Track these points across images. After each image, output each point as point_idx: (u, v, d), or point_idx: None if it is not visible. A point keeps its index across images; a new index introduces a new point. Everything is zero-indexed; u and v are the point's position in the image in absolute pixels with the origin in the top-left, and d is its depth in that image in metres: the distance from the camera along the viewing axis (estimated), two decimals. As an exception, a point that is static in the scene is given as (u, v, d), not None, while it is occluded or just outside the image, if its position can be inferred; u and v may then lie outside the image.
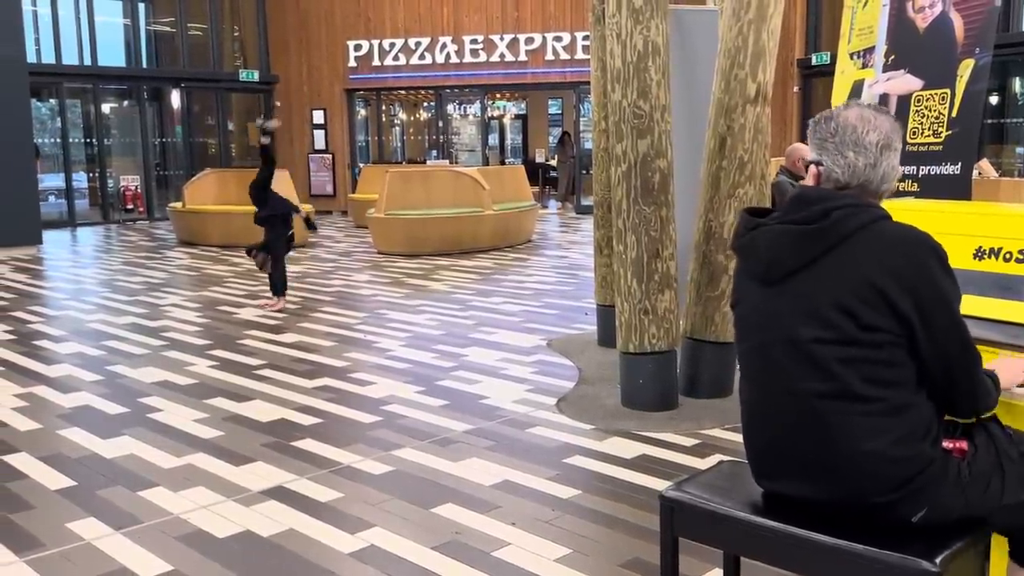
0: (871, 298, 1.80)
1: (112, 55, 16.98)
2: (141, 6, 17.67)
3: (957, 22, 3.30)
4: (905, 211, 2.68)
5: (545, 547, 3.00)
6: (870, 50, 3.67)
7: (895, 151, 1.97)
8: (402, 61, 17.64)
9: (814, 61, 17.06)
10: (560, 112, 24.22)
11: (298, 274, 9.53)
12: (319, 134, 18.45)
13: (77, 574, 2.85)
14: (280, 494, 3.50)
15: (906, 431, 1.81)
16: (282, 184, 12.25)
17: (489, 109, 22.53)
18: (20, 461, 3.89)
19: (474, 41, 17.26)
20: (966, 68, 3.24)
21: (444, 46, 17.40)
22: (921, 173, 3.39)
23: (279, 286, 7.45)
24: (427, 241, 11.12)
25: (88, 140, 16.90)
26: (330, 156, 18.32)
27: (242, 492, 3.52)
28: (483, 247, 11.31)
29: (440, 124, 19.16)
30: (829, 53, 17.00)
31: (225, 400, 4.81)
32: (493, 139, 24.83)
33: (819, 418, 1.85)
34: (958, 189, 3.23)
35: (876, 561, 1.77)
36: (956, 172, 3.25)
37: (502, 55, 17.11)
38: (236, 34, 19.02)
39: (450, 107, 20.77)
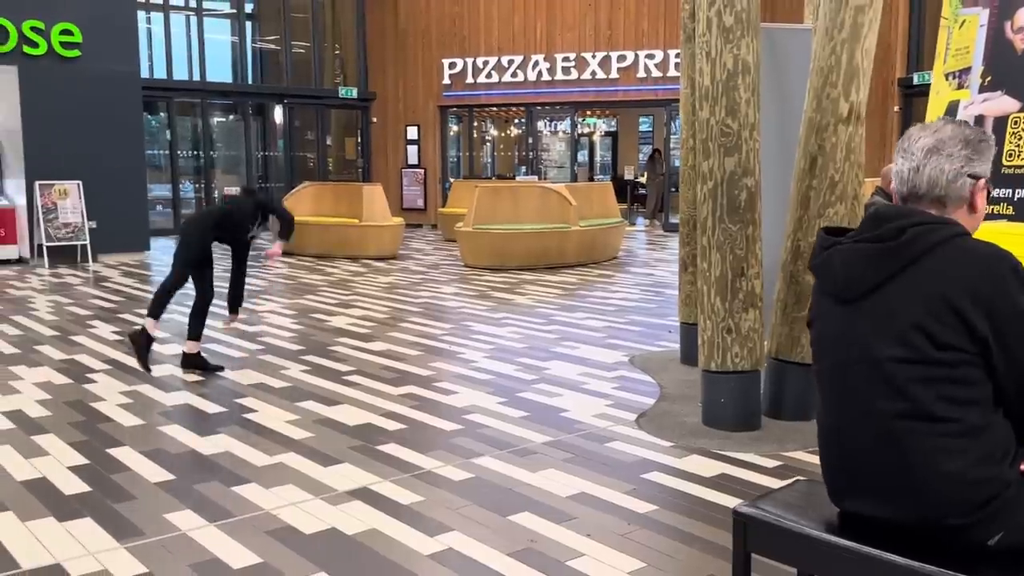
0: (946, 316, 1.79)
1: (220, 71, 17.75)
2: (248, 24, 18.42)
3: (1058, 42, 3.23)
4: (989, 233, 2.64)
5: (619, 560, 3.03)
6: (966, 71, 3.59)
7: (946, 156, 1.92)
8: (494, 79, 17.90)
9: (915, 80, 16.59)
10: (651, 129, 24.16)
11: (388, 285, 9.77)
12: (412, 149, 18.86)
13: (173, 562, 3.02)
14: (364, 495, 3.62)
15: (984, 452, 1.80)
16: (375, 199, 12.65)
17: (579, 126, 22.64)
18: (123, 454, 4.12)
19: (566, 59, 17.39)
20: (1066, 89, 3.16)
21: (536, 64, 17.58)
22: (1017, 196, 3.30)
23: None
24: (513, 255, 11.25)
25: (195, 152, 17.68)
26: (422, 171, 18.69)
27: (329, 491, 3.66)
28: (569, 262, 11.37)
29: (530, 140, 19.34)
30: (931, 72, 16.52)
31: (316, 403, 4.99)
32: (583, 156, 24.91)
33: (895, 438, 1.85)
34: (1056, 212, 3.15)
35: (948, 583, 1.76)
36: (1054, 195, 3.18)
37: (593, 73, 17.18)
38: (337, 52, 19.62)
39: (540, 124, 20.97)
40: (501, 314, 7.88)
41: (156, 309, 5.73)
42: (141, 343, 5.60)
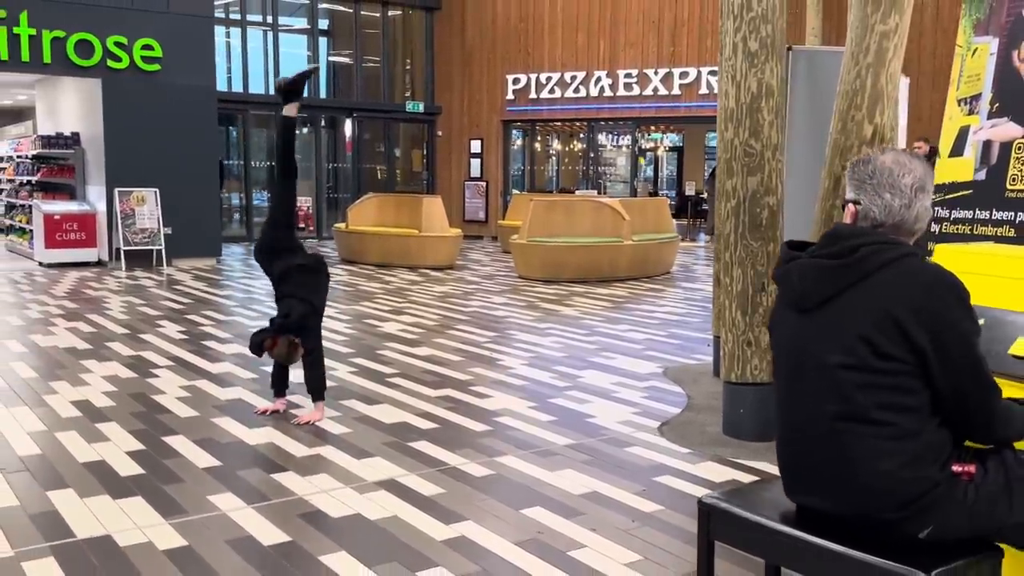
0: (889, 329, 1.97)
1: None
2: (323, 40, 19.08)
3: (1059, 70, 3.33)
4: (960, 253, 2.79)
5: (619, 552, 3.24)
6: (976, 97, 3.71)
7: (928, 193, 2.13)
8: (557, 94, 18.18)
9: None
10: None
11: (441, 294, 10.09)
12: (475, 162, 19.25)
13: (210, 537, 3.33)
14: (391, 486, 3.89)
15: (916, 454, 1.96)
16: (434, 211, 13.01)
17: (643, 141, 22.76)
18: (177, 442, 4.48)
19: (628, 75, 17.57)
20: (1065, 116, 3.27)
21: (599, 80, 17.80)
22: (1019, 219, 3.41)
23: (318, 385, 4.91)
24: (566, 268, 11.46)
25: (270, 163, 18.35)
26: (484, 184, 19.05)
27: (359, 481, 3.94)
28: (621, 276, 11.54)
29: (591, 155, 19.56)
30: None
31: (358, 402, 5.29)
32: (649, 170, 25.00)
33: (837, 438, 2.03)
34: (1052, 235, 3.25)
35: (877, 569, 1.93)
36: (1051, 218, 3.28)
37: (655, 89, 17.32)
38: (408, 67, 20.15)
39: (604, 138, 21.16)
40: (546, 324, 8.11)
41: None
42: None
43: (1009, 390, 2.49)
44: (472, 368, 6.29)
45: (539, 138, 21.29)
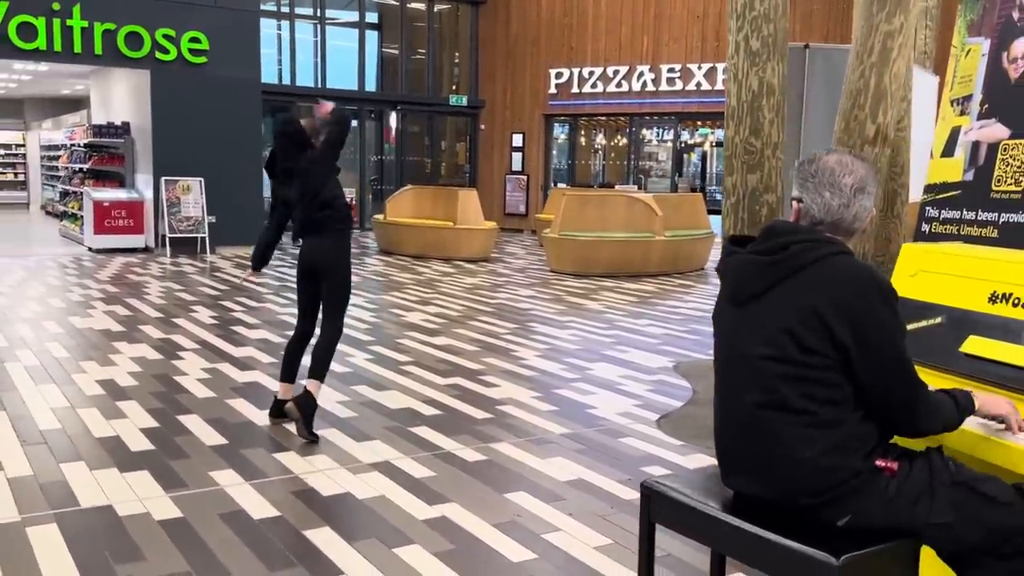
0: (813, 324, 2.04)
1: (345, 78, 18.67)
2: (372, 34, 19.35)
3: (1044, 73, 3.32)
4: (923, 252, 2.83)
5: (591, 536, 3.34)
6: (968, 98, 3.71)
7: (868, 195, 2.19)
8: (599, 88, 18.20)
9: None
10: (762, 142, 23.82)
11: (471, 286, 10.23)
12: (517, 156, 19.37)
13: (204, 509, 3.52)
14: (384, 468, 4.05)
15: (834, 444, 2.03)
16: (469, 203, 13.17)
17: (689, 136, 22.62)
18: (190, 421, 4.69)
19: (671, 70, 17.51)
20: (1047, 118, 3.26)
21: (641, 74, 17.77)
22: (1002, 220, 3.41)
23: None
24: (597, 262, 11.53)
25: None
26: (525, 177, 19.17)
27: (355, 463, 4.10)
28: (652, 272, 11.57)
29: (633, 150, 19.53)
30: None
31: (367, 388, 5.46)
32: (695, 165, 24.80)
33: (762, 426, 2.11)
34: (1030, 237, 3.25)
35: (794, 552, 2.01)
36: (1030, 220, 3.28)
37: (698, 84, 17.24)
38: (456, 62, 20.32)
39: (649, 133, 21.10)
40: (568, 317, 8.21)
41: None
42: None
43: (954, 386, 2.54)
44: (485, 358, 6.42)
45: (583, 132, 21.30)
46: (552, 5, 18.53)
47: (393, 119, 19.28)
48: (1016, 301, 2.52)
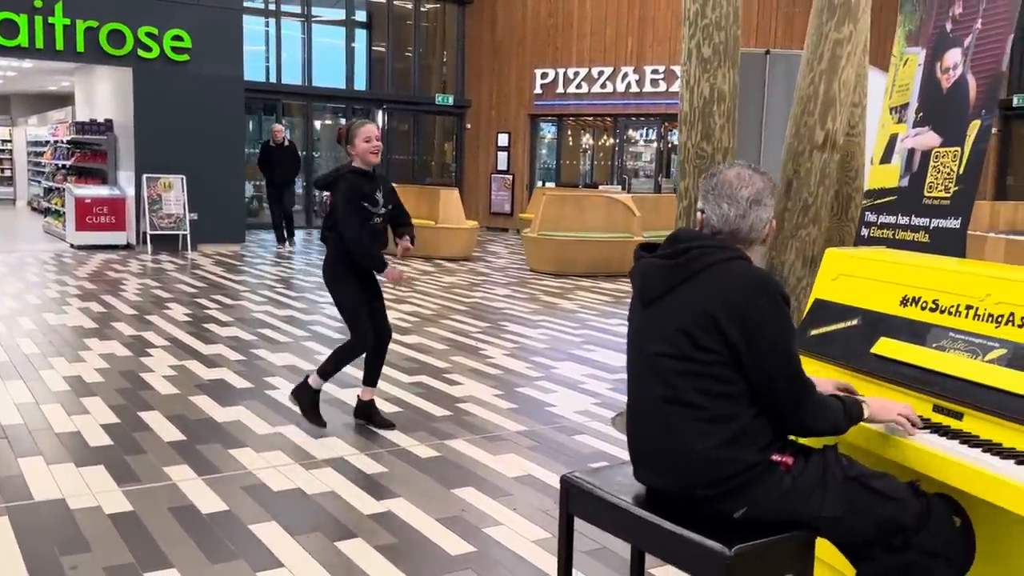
0: (706, 324, 2.14)
1: (333, 76, 18.71)
2: (361, 32, 19.40)
3: (972, 84, 3.41)
4: (843, 256, 2.93)
5: (530, 530, 3.43)
6: (905, 106, 3.81)
7: (765, 207, 2.29)
8: (584, 89, 18.30)
9: (1015, 103, 16.11)
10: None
11: (448, 285, 10.31)
12: (502, 156, 19.46)
13: (155, 504, 3.60)
14: (337, 464, 4.13)
15: (728, 437, 2.13)
16: (451, 203, 13.24)
17: (673, 137, 22.72)
18: (151, 418, 4.77)
19: (655, 71, 17.63)
20: (974, 128, 3.34)
21: (626, 76, 17.89)
22: (932, 225, 3.51)
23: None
24: (576, 262, 11.62)
25: (302, 152, 18.74)
26: (510, 177, 19.26)
27: (309, 459, 4.19)
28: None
29: (618, 150, 19.64)
30: (1033, 94, 16.00)
31: (332, 385, 5.53)
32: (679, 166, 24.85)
33: (663, 420, 2.21)
34: (957, 243, 3.34)
35: (691, 542, 2.10)
36: (957, 226, 3.37)
37: (681, 86, 17.32)
38: (444, 61, 20.38)
39: (635, 134, 21.20)
40: (540, 317, 8.30)
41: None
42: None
43: (869, 388, 2.64)
44: (453, 357, 6.51)
45: (569, 132, 21.39)
46: (538, 6, 18.63)
47: (380, 118, 19.34)
48: (924, 305, 2.62)
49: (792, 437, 2.28)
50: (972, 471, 2.14)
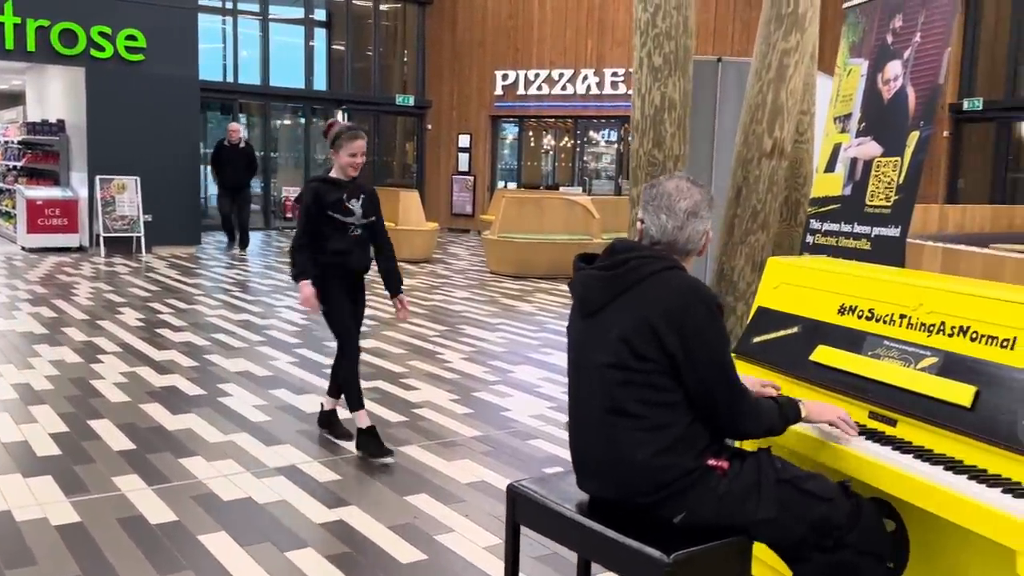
0: (645, 332, 2.19)
1: (292, 76, 18.55)
2: (320, 31, 19.26)
3: (911, 96, 3.51)
4: (785, 265, 2.99)
5: (481, 536, 3.46)
6: (848, 116, 3.90)
7: (702, 219, 2.34)
8: (545, 91, 18.37)
9: (966, 106, 16.45)
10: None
11: (406, 288, 10.27)
12: (464, 157, 19.47)
13: (103, 515, 3.56)
14: (289, 472, 4.12)
15: (666, 445, 2.18)
16: (410, 204, 13.22)
17: (631, 139, 22.86)
18: (100, 426, 4.71)
19: (615, 74, 17.75)
20: (913, 139, 3.44)
21: (586, 78, 17.99)
22: (874, 233, 3.60)
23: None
24: (536, 264, 11.67)
25: (260, 153, 18.57)
26: (472, 178, 19.26)
27: (261, 467, 4.17)
28: (588, 274, 11.72)
29: (579, 152, 19.74)
30: (982, 99, 16.36)
31: (286, 391, 5.52)
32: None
33: (605, 430, 2.25)
34: (896, 251, 3.43)
35: (631, 550, 2.14)
36: (896, 235, 3.46)
37: (640, 88, 17.45)
38: (404, 61, 20.31)
39: (596, 135, 21.31)
40: (499, 320, 8.33)
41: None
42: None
43: (808, 394, 2.70)
44: (410, 361, 6.51)
45: (530, 134, 21.45)
46: (498, 8, 18.65)
47: (340, 118, 19.23)
48: (861, 313, 2.69)
49: (727, 441, 2.33)
50: (904, 477, 2.20)
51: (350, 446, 4.51)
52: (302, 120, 18.94)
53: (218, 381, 5.74)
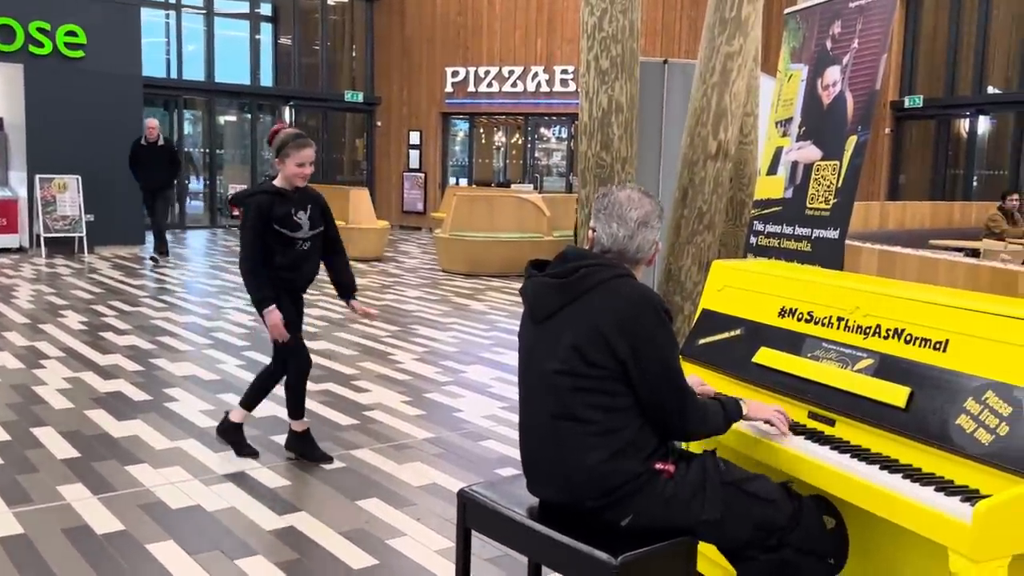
0: (596, 340, 2.22)
1: (238, 72, 18.29)
2: (266, 26, 19.00)
3: (849, 101, 3.60)
4: (728, 268, 3.05)
5: (433, 539, 3.47)
6: (789, 120, 3.99)
7: (652, 228, 2.38)
8: (495, 88, 18.38)
9: (907, 104, 16.86)
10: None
11: (358, 287, 10.21)
12: (414, 154, 19.39)
13: (47, 525, 3.50)
14: (238, 478, 4.09)
15: (616, 449, 2.22)
16: (361, 202, 13.14)
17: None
18: (44, 434, 4.62)
19: (564, 71, 17.83)
20: (851, 144, 3.53)
21: (536, 75, 18.04)
22: (814, 235, 3.69)
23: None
24: (488, 263, 11.69)
25: (205, 149, 18.30)
26: (423, 175, 19.20)
27: (209, 474, 4.13)
28: (539, 272, 11.78)
29: (530, 149, 19.79)
30: (922, 97, 16.78)
31: (234, 396, 5.46)
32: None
33: (555, 435, 2.28)
34: (835, 253, 3.53)
35: (580, 553, 2.18)
36: (835, 237, 3.56)
37: (590, 86, 17.55)
38: (353, 56, 20.14)
39: (548, 132, 21.39)
40: (451, 319, 8.33)
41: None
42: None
43: (749, 394, 2.77)
44: (361, 363, 6.49)
45: (482, 131, 21.45)
46: (447, 4, 18.59)
47: (287, 114, 19.03)
48: (800, 316, 2.76)
49: (674, 443, 2.38)
50: (842, 476, 2.27)
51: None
52: (248, 116, 18.71)
53: (164, 386, 5.66)
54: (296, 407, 4.37)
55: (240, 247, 4.14)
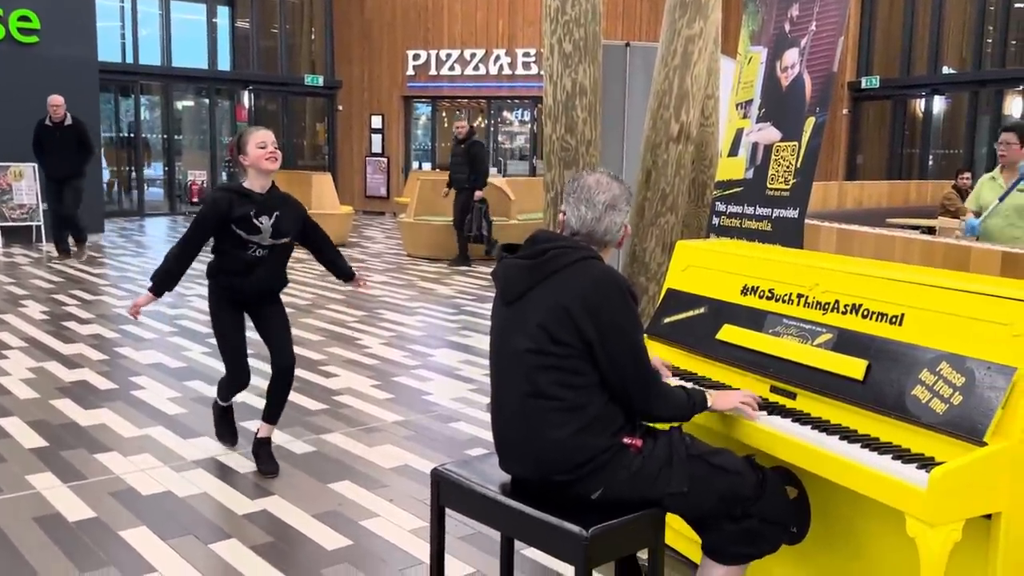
0: (563, 319, 2.28)
1: (195, 56, 18.02)
2: (223, 9, 18.72)
3: (808, 83, 3.68)
4: (693, 248, 3.12)
5: (407, 520, 3.52)
6: (749, 102, 4.06)
7: (620, 211, 2.44)
8: (457, 71, 18.33)
9: (864, 84, 17.10)
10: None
11: (322, 273, 10.20)
12: (376, 138, 19.28)
13: (19, 514, 3.49)
14: (209, 464, 4.10)
15: (582, 425, 2.28)
16: (324, 187, 13.06)
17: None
18: (9, 423, 4.59)
19: (527, 54, 17.83)
20: (809, 125, 3.61)
21: (498, 58, 18.02)
22: (774, 215, 3.77)
23: None
24: (453, 247, 11.68)
25: (163, 136, 18.04)
26: (385, 160, 19.11)
27: (178, 460, 4.14)
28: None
29: (493, 133, 19.78)
30: (879, 77, 17.04)
31: (201, 383, 5.45)
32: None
33: (523, 412, 2.34)
34: (795, 232, 3.62)
35: (552, 527, 2.24)
36: (795, 216, 3.64)
37: (552, 69, 17.56)
38: (311, 39, 19.93)
39: (511, 116, 21.38)
40: (417, 303, 8.35)
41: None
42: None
43: (713, 371, 2.84)
44: (329, 348, 6.49)
45: (444, 114, 21.37)
46: (407, -14, 18.48)
47: (246, 99, 18.81)
48: (762, 293, 2.83)
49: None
50: (803, 447, 2.35)
51: (274, 436, 4.48)
52: (207, 101, 18.47)
53: (130, 374, 5.63)
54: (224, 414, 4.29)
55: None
